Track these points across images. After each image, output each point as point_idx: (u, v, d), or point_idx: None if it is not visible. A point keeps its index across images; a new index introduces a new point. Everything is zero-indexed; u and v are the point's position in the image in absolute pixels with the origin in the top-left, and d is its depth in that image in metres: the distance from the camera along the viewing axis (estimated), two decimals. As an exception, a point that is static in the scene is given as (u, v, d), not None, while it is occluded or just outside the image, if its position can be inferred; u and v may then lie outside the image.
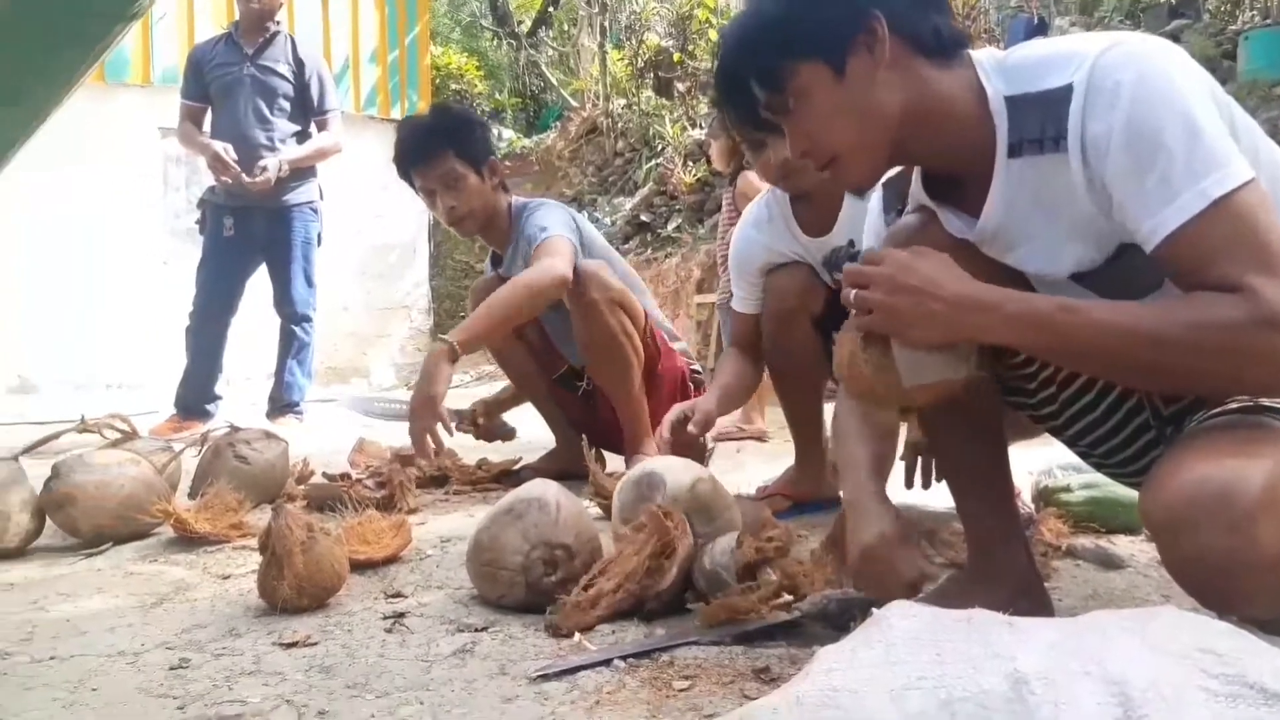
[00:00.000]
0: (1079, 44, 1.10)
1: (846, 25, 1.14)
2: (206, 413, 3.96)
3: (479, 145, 2.49)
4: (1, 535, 1.83)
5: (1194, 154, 0.99)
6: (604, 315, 2.32)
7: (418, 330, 9.77)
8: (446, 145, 2.45)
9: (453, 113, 2.62)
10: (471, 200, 2.48)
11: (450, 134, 2.46)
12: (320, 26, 8.97)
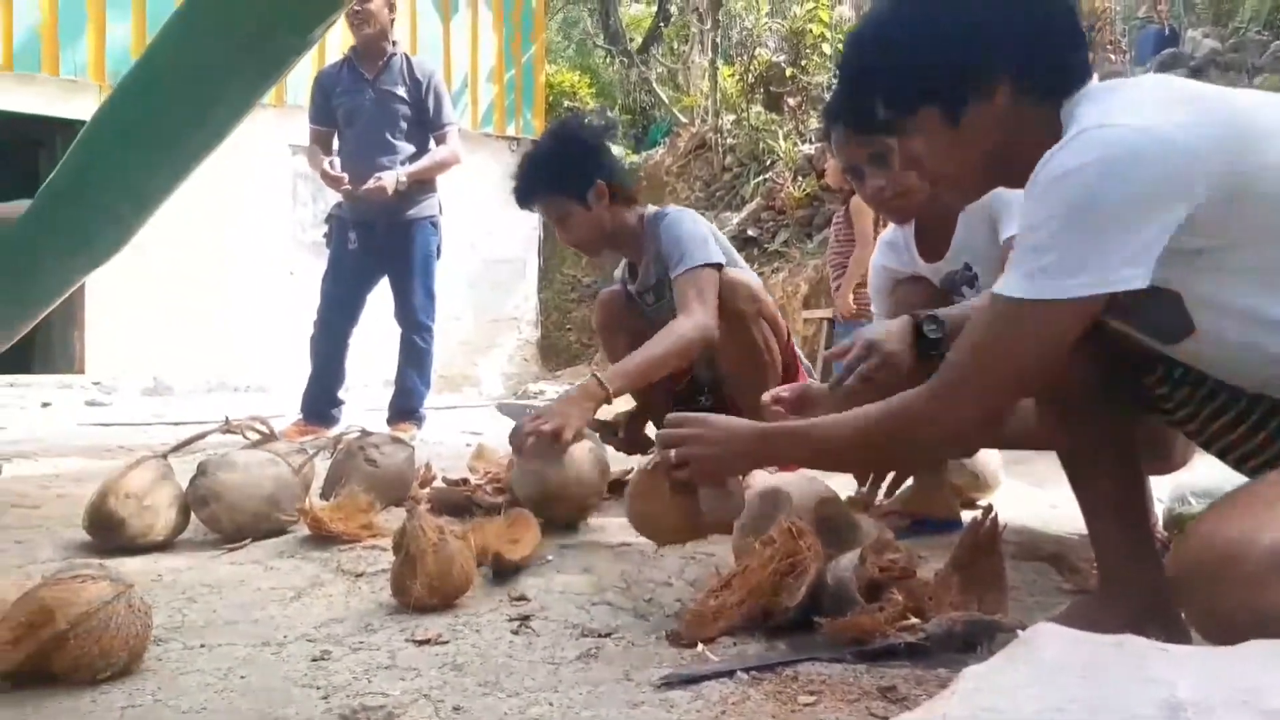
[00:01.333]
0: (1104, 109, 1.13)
1: (971, 84, 1.22)
2: (331, 418, 4.13)
3: (576, 177, 2.47)
4: (151, 529, 1.94)
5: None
6: (750, 327, 2.33)
7: (526, 341, 9.96)
8: (543, 189, 2.51)
9: (545, 153, 2.56)
10: (578, 231, 2.53)
11: (545, 177, 2.49)
12: (441, 46, 9.27)
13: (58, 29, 7.50)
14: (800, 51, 9.39)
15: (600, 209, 2.48)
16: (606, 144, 2.66)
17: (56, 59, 7.51)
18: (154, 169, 1.20)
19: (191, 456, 2.18)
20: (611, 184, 2.50)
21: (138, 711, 1.17)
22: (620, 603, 1.57)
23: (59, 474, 2.87)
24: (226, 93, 1.09)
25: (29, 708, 1.17)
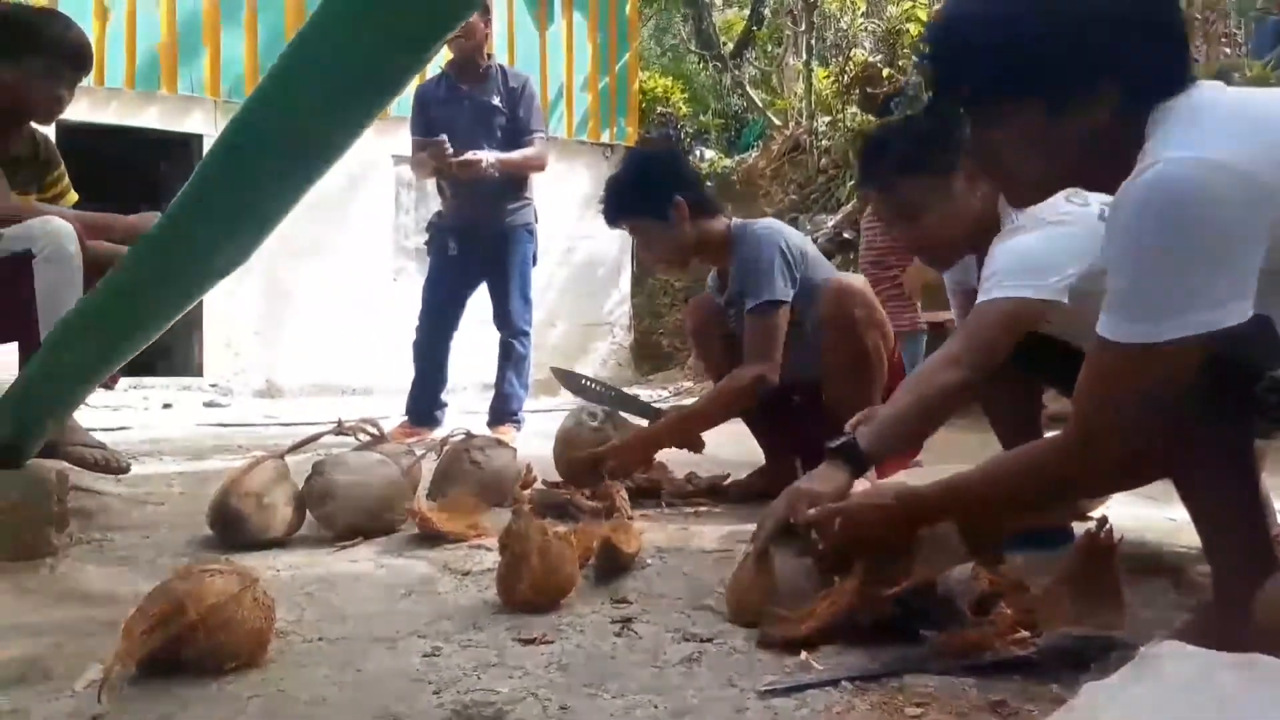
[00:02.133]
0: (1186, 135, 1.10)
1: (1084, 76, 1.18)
2: (435, 419, 4.25)
3: (654, 197, 2.56)
4: (270, 526, 2.03)
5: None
6: (862, 334, 2.33)
7: (619, 346, 10.03)
8: (621, 212, 2.64)
9: (624, 176, 2.69)
10: (657, 249, 2.66)
11: (625, 199, 2.61)
12: (537, 55, 9.42)
13: (176, 48, 7.88)
14: (897, 51, 9.23)
15: (682, 225, 2.54)
16: (684, 161, 2.74)
17: (174, 77, 7.89)
18: (277, 185, 1.26)
19: (306, 456, 2.28)
20: (690, 199, 2.55)
21: (262, 701, 1.23)
22: (722, 609, 1.57)
23: (182, 472, 3.03)
24: (345, 112, 1.13)
25: (161, 695, 1.24)
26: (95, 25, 7.32)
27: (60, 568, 1.82)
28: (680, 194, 2.54)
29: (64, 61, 2.46)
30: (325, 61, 1.08)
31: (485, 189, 4.12)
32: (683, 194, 2.54)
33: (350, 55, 1.06)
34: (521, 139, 4.21)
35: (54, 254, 2.21)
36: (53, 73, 2.45)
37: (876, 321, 2.41)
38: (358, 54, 1.06)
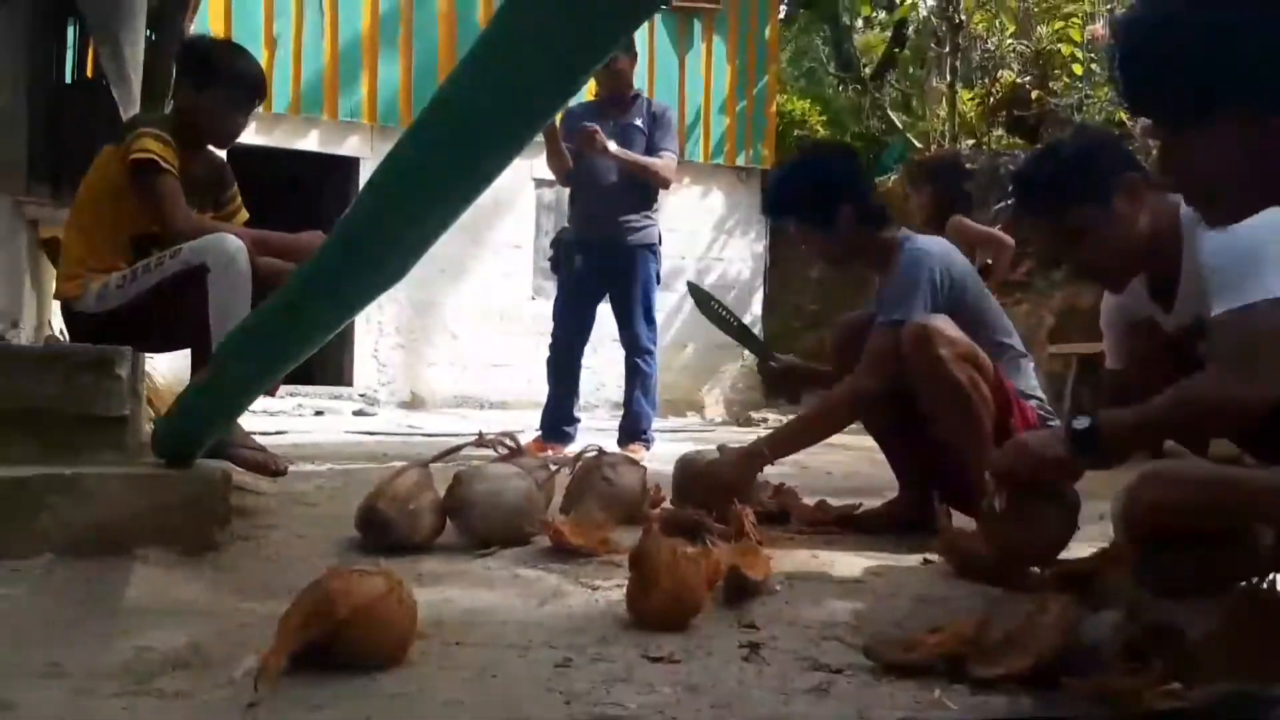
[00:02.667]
0: None
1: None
2: (567, 435, 4.34)
3: (820, 202, 2.53)
4: (414, 531, 2.11)
5: None
6: (950, 370, 2.26)
7: (750, 368, 9.98)
8: (785, 210, 2.66)
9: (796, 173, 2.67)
10: (824, 251, 2.64)
11: (790, 200, 2.63)
12: (676, 80, 9.54)
13: (337, 76, 8.35)
14: (1047, 73, 8.91)
15: (848, 232, 2.51)
16: (858, 168, 2.70)
17: (335, 103, 8.36)
18: (434, 207, 1.33)
19: (448, 466, 2.37)
20: (859, 209, 2.51)
21: (404, 699, 1.29)
22: (852, 640, 1.55)
23: (332, 476, 3.19)
24: (503, 136, 1.19)
25: (312, 687, 1.31)
26: (264, 53, 7.85)
27: (223, 561, 1.95)
28: (849, 203, 2.50)
29: (242, 91, 2.67)
30: (482, 92, 1.13)
31: (609, 204, 4.21)
32: (852, 203, 2.50)
33: (506, 86, 1.11)
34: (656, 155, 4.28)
35: (226, 269, 2.38)
36: (231, 101, 2.66)
37: (964, 355, 2.30)
38: (512, 86, 1.11)
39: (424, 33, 8.62)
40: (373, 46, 8.49)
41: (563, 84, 1.11)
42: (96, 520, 1.88)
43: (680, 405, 9.21)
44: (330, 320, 1.64)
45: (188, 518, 1.97)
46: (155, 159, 2.49)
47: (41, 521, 1.84)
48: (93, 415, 2.05)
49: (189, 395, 2.01)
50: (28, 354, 2.04)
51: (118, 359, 2.08)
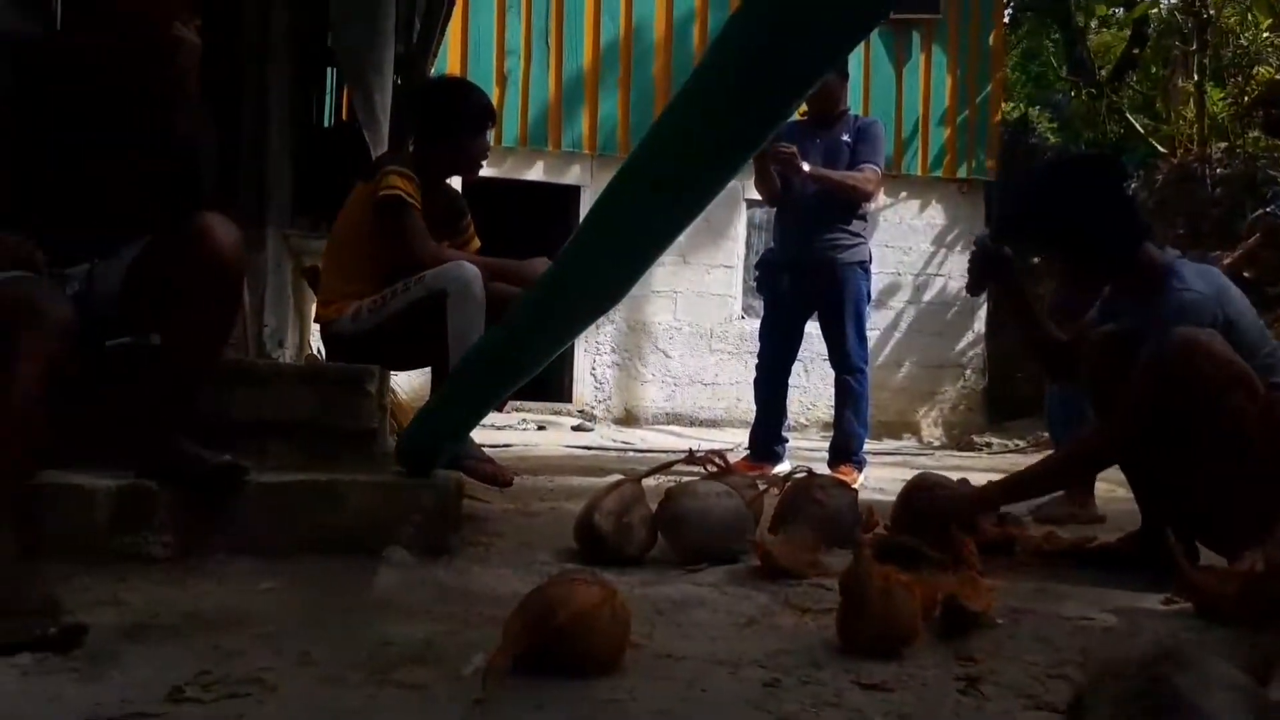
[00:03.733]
0: None
1: None
2: (776, 455, 4.32)
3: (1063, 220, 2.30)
4: (627, 544, 2.18)
5: None
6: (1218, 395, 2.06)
7: (971, 390, 9.56)
8: (1014, 232, 2.53)
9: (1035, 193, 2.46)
10: (1068, 277, 2.50)
11: (1013, 224, 2.52)
12: (893, 92, 9.33)
13: (561, 109, 8.77)
14: (1313, 66, 8.02)
15: (1103, 253, 2.29)
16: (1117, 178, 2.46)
17: (559, 134, 8.78)
18: (652, 231, 1.38)
19: (660, 481, 2.43)
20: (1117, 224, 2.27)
21: (617, 706, 1.34)
22: (1081, 680, 1.46)
23: (553, 489, 3.35)
24: (718, 162, 1.23)
25: (533, 688, 1.39)
26: (495, 91, 8.37)
27: (455, 565, 2.09)
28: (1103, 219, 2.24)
29: (477, 117, 2.88)
30: (704, 113, 1.18)
31: (815, 224, 4.17)
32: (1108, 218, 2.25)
33: (725, 108, 1.15)
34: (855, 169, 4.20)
35: (464, 295, 2.57)
36: (469, 130, 2.87)
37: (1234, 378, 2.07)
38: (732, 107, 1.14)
39: (642, 64, 8.91)
40: (594, 80, 8.85)
41: (777, 108, 1.13)
42: (346, 523, 2.08)
43: (895, 427, 8.93)
44: (553, 343, 1.74)
45: (425, 523, 2.13)
46: (401, 194, 2.73)
47: (301, 522, 2.05)
48: (345, 428, 2.26)
49: (428, 410, 2.18)
50: (291, 372, 2.28)
51: (368, 377, 2.29)
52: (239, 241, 2.01)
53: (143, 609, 1.69)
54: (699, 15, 9.05)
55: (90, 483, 1.92)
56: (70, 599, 1.67)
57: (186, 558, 1.94)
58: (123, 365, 2.13)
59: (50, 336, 1.69)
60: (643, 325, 8.61)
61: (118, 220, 2.09)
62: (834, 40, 1.10)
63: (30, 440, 1.66)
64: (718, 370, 8.50)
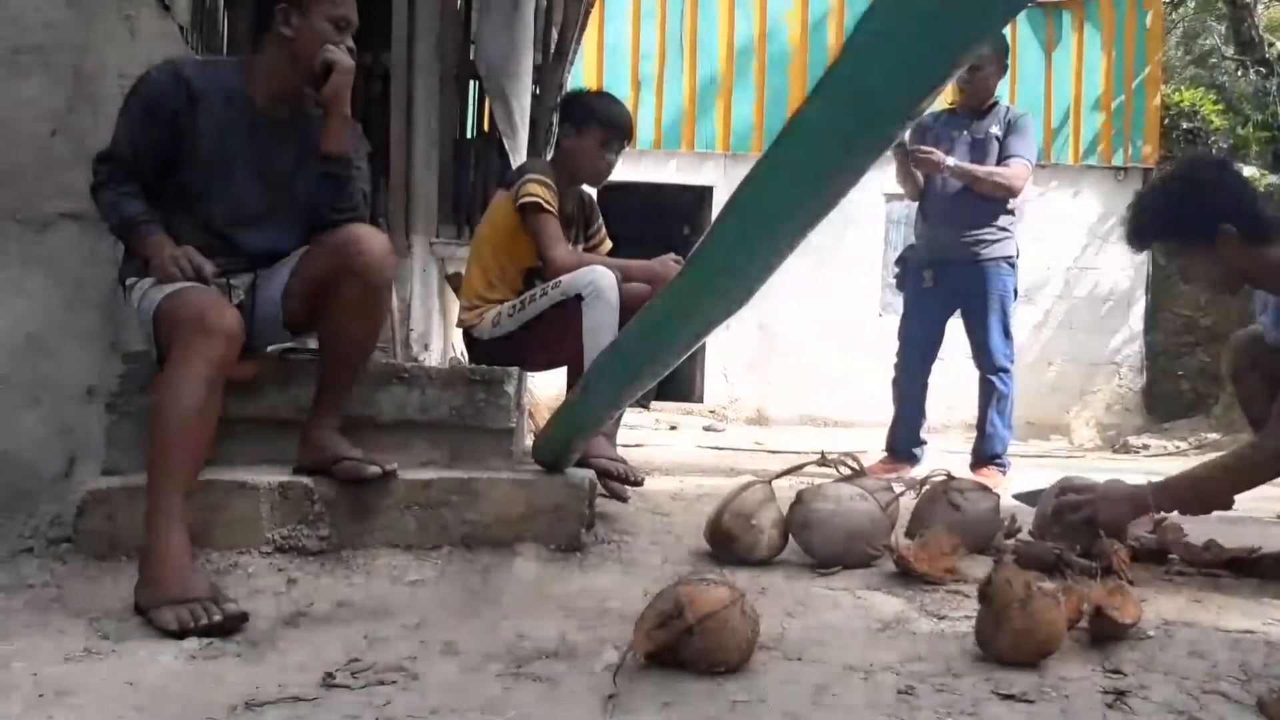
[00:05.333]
0: None
1: None
2: (914, 457, 4.21)
3: (1197, 221, 2.21)
4: (757, 546, 2.18)
5: None
6: None
7: (1127, 389, 9.07)
8: (1153, 237, 2.35)
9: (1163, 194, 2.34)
10: (1198, 274, 2.30)
11: (1152, 226, 2.31)
12: (1043, 78, 8.95)
13: (694, 110, 8.81)
14: None
15: (1232, 253, 2.18)
16: (1237, 178, 2.35)
17: (693, 136, 8.82)
18: (785, 228, 1.38)
19: (792, 483, 2.41)
20: (1243, 225, 2.18)
21: (746, 706, 1.35)
22: (1238, 696, 1.38)
23: (684, 489, 3.37)
24: (854, 156, 1.22)
25: (664, 685, 1.41)
26: (631, 95, 8.48)
27: (588, 562, 2.14)
28: (1230, 220, 2.17)
29: (614, 134, 2.94)
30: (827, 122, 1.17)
31: (959, 219, 4.03)
32: (1234, 220, 2.17)
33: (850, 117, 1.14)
34: (1003, 163, 4.04)
35: (598, 298, 2.63)
36: (604, 144, 2.93)
37: None
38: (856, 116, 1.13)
39: (776, 64, 8.85)
40: (728, 80, 8.85)
41: (914, 99, 1.12)
42: (486, 519, 2.15)
43: (1044, 429, 8.55)
44: (685, 342, 1.76)
45: (560, 520, 2.19)
46: (539, 201, 2.81)
47: (444, 517, 2.14)
48: (485, 427, 2.35)
49: (564, 410, 2.24)
50: (437, 374, 2.37)
51: (507, 379, 2.36)
52: (388, 250, 2.11)
53: (299, 598, 1.81)
54: (836, 13, 8.91)
55: (253, 479, 2.06)
56: (233, 588, 1.81)
57: (339, 550, 2.06)
58: (282, 369, 2.27)
59: (219, 344, 1.83)
60: (774, 324, 8.53)
61: (279, 232, 2.23)
62: (971, 30, 1.07)
63: (200, 440, 1.80)
64: (852, 370, 8.33)
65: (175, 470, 1.75)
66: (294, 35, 2.14)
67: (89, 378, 2.26)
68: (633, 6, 8.76)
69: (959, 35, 1.08)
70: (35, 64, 2.24)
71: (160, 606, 1.61)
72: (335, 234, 2.11)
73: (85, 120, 2.27)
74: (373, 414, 2.29)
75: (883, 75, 1.11)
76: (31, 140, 2.24)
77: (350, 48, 2.21)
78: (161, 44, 2.48)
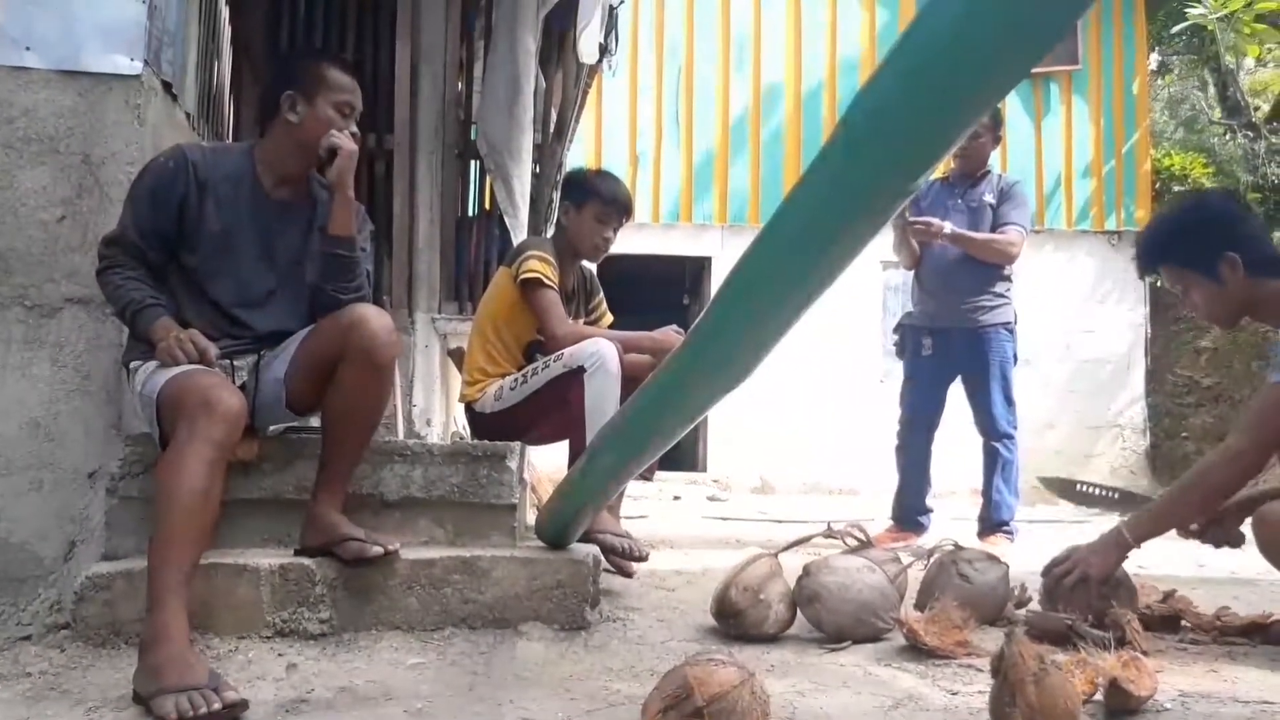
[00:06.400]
0: None
1: None
2: (920, 524, 4.18)
3: (1202, 249, 2.26)
4: (763, 622, 2.15)
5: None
6: None
7: (1131, 451, 9.02)
8: (1160, 261, 2.39)
9: (1171, 221, 2.42)
10: (1199, 306, 2.33)
11: (1168, 246, 2.36)
12: (1033, 147, 9.10)
13: (692, 185, 8.96)
14: None
15: (1234, 282, 2.23)
16: (1243, 211, 2.44)
17: (690, 209, 8.94)
18: (785, 303, 1.40)
19: (797, 555, 2.39)
20: (1248, 256, 2.23)
21: (758, 790, 1.31)
22: (1263, 774, 1.34)
23: (689, 562, 3.33)
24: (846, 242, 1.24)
25: (674, 768, 1.38)
26: (629, 170, 8.62)
27: (593, 641, 2.11)
28: (1234, 249, 2.22)
29: (613, 210, 2.98)
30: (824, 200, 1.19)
31: (957, 287, 4.06)
32: (1239, 249, 2.23)
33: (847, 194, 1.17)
34: (998, 231, 4.09)
35: (600, 370, 2.64)
36: (603, 221, 2.97)
37: None
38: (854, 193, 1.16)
39: (772, 137, 9.02)
40: (724, 154, 9.01)
41: (913, 174, 1.14)
42: (489, 598, 2.13)
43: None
44: (688, 415, 1.76)
45: (564, 598, 2.16)
46: (540, 277, 2.84)
47: (446, 597, 2.12)
48: (488, 503, 2.33)
49: (566, 485, 2.23)
50: (439, 450, 2.37)
51: (509, 453, 2.36)
52: (391, 329, 2.13)
53: (299, 684, 1.78)
54: (827, 87, 9.10)
55: (253, 561, 2.04)
56: (233, 674, 1.78)
57: (341, 633, 2.03)
58: (284, 449, 2.27)
59: (222, 425, 1.83)
60: (777, 392, 8.52)
61: (285, 313, 2.25)
62: (968, 105, 1.10)
63: (203, 523, 1.79)
64: (854, 438, 8.30)
65: (177, 554, 1.74)
66: (300, 121, 2.20)
67: (91, 462, 2.26)
68: (630, 85, 8.96)
69: (956, 111, 1.10)
70: (46, 152, 2.28)
71: (159, 695, 1.58)
72: (340, 314, 2.13)
73: (92, 205, 2.31)
74: (375, 492, 2.29)
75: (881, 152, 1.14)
76: (40, 226, 2.27)
77: (354, 132, 2.26)
78: (169, 130, 2.54)
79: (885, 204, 1.23)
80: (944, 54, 1.04)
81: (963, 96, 1.08)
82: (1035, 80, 9.04)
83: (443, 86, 4.06)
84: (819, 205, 1.22)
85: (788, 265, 1.34)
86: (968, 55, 1.03)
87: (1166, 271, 2.40)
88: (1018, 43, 1.02)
